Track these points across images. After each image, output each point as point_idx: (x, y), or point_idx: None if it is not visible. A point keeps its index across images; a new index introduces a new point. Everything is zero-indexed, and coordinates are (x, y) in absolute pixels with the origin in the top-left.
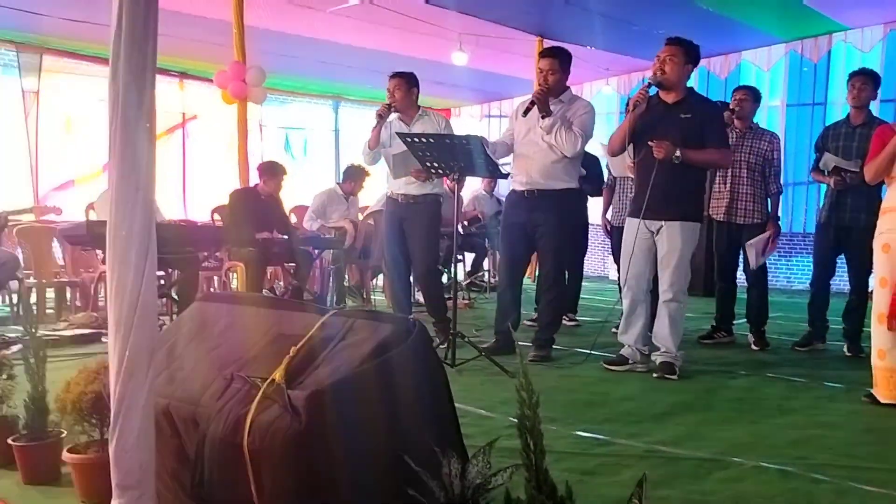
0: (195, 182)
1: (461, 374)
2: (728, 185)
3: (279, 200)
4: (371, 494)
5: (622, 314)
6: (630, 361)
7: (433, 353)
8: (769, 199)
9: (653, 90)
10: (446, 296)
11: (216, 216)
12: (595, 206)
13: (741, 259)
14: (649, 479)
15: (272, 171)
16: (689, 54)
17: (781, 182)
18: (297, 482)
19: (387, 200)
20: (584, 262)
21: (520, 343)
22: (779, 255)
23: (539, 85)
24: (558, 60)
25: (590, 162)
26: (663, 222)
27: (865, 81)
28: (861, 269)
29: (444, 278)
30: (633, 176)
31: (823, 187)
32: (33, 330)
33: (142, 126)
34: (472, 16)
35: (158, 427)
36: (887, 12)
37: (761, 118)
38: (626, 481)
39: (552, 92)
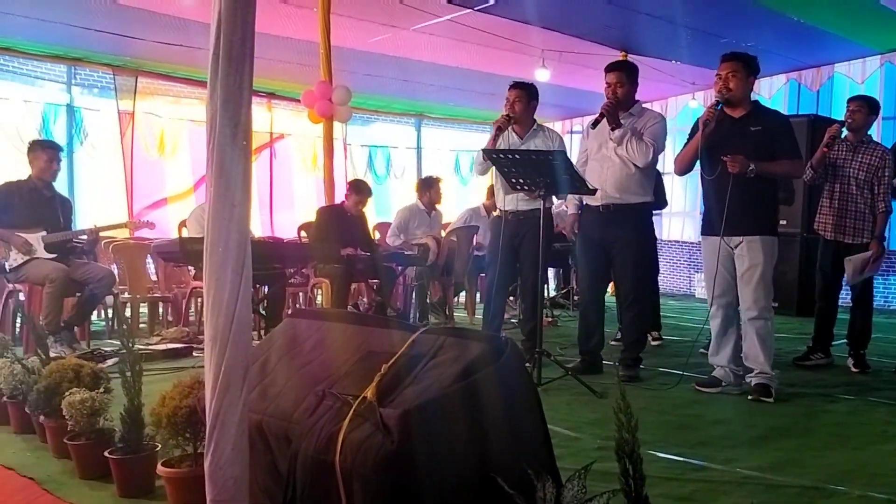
0: (282, 199)
1: (547, 393)
2: (837, 202)
3: (364, 218)
4: None
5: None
6: (723, 383)
7: (525, 372)
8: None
9: (719, 106)
10: None
11: (303, 233)
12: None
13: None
14: None
15: (358, 189)
16: (750, 67)
17: (890, 200)
18: (389, 501)
19: (493, 218)
20: (665, 278)
21: (606, 363)
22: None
23: (608, 98)
24: (625, 73)
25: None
26: (742, 237)
27: None
28: None
29: None
30: None
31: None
32: (130, 344)
33: (238, 143)
34: (555, 31)
35: (251, 442)
36: None
37: None
38: None
39: (621, 105)
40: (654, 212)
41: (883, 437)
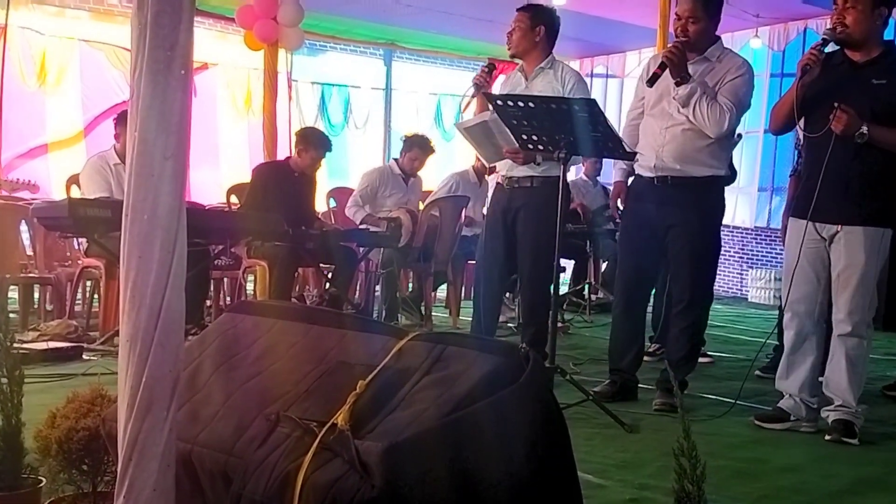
0: (203, 152)
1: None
2: None
3: (313, 182)
4: None
5: (774, 350)
6: (792, 417)
7: (551, 397)
8: None
9: (830, 46)
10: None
11: (233, 198)
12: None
13: None
14: None
15: (307, 140)
16: None
17: None
18: None
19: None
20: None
21: (642, 386)
22: None
23: (676, 37)
24: (701, 2)
25: None
26: (839, 227)
27: None
28: None
29: None
30: None
31: None
32: (9, 341)
33: (175, 73)
34: None
35: (176, 480)
36: None
37: None
38: None
39: (694, 47)
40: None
41: None
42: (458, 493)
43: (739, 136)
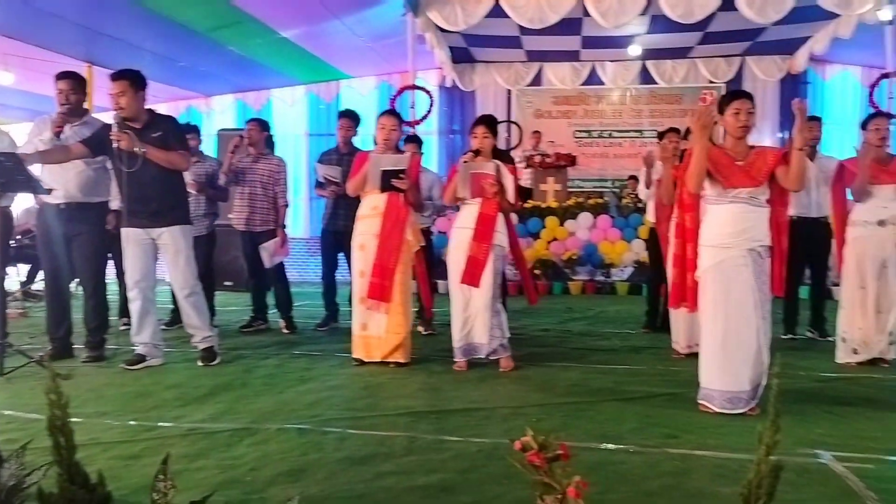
0: None
1: (11, 381)
2: (247, 199)
3: None
4: None
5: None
6: (147, 358)
7: None
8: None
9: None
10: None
11: None
12: None
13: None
14: (189, 454)
15: None
16: (137, 84)
17: (287, 197)
18: None
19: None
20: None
21: (77, 347)
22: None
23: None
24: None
25: None
26: (164, 229)
27: (350, 124)
28: None
29: None
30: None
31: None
32: None
33: None
34: (17, 39)
35: None
36: (379, 67)
37: (286, 145)
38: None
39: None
40: None
41: (301, 381)
42: None
43: None
